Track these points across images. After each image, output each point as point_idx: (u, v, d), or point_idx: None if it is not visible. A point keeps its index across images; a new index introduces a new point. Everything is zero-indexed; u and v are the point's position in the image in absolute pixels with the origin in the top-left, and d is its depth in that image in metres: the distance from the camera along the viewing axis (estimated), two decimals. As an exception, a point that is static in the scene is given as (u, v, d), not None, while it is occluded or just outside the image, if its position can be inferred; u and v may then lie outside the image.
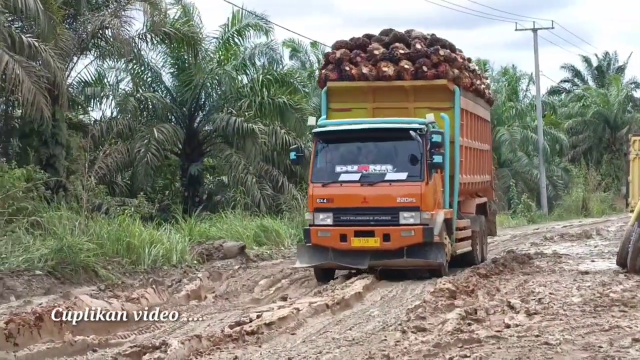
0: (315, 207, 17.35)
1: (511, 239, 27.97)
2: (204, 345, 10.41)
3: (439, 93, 18.39)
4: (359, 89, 18.77)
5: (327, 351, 9.76)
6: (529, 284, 14.68)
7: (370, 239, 16.93)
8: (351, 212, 17.15)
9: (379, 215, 17.01)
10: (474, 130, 20.41)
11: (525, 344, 8.94)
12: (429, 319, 11.13)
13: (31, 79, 20.22)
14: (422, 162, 17.06)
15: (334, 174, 17.43)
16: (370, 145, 17.65)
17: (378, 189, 17.08)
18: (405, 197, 16.90)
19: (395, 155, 17.35)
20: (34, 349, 10.64)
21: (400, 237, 16.80)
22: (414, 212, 16.83)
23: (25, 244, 17.81)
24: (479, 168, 21.02)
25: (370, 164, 17.34)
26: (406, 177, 17.09)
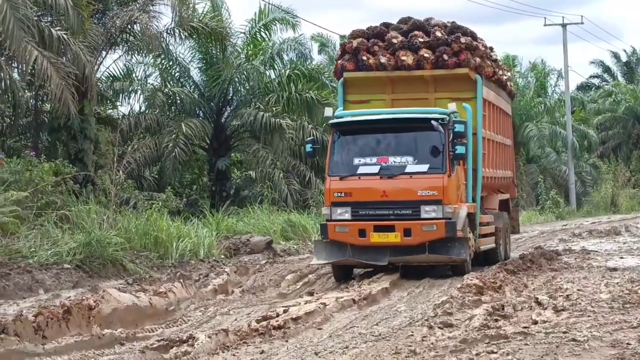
0: (333, 202, 16.69)
1: (539, 235, 27.85)
2: (230, 340, 10.44)
3: (461, 82, 17.80)
4: (377, 79, 18.14)
5: (353, 346, 9.76)
6: (556, 280, 14.60)
7: (390, 234, 16.27)
8: (370, 206, 16.49)
9: (399, 210, 16.36)
10: (497, 122, 19.80)
11: (552, 341, 8.90)
12: (456, 315, 11.10)
13: (59, 75, 20.36)
14: (444, 153, 16.42)
15: (352, 166, 16.79)
16: (389, 136, 16.99)
17: (398, 181, 16.43)
18: (426, 190, 16.25)
19: (416, 147, 16.72)
20: (62, 342, 10.72)
21: (422, 232, 16.15)
22: (435, 205, 16.17)
23: (54, 238, 17.94)
24: (502, 163, 20.40)
25: (389, 156, 16.69)
26: (427, 169, 16.46)
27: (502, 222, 19.61)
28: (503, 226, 19.64)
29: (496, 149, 19.72)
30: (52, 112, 23.58)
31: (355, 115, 17.37)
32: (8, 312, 13.13)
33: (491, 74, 18.83)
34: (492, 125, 19.21)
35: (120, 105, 31.47)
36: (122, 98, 30.77)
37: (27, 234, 17.83)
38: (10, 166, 20.06)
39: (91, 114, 23.66)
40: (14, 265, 16.40)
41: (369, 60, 18.01)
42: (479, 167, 17.78)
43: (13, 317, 11.65)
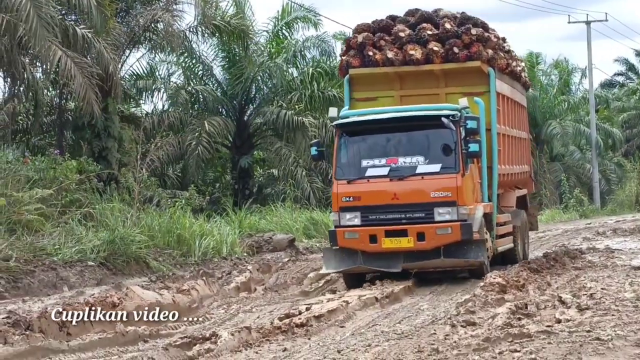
0: (341, 207, 15.78)
1: (563, 233, 27.74)
2: (253, 337, 10.48)
3: (473, 76, 17.03)
4: (384, 75, 17.27)
5: (375, 344, 9.77)
6: (580, 279, 14.54)
7: (403, 239, 15.44)
8: (380, 210, 15.63)
9: (411, 213, 15.51)
10: (511, 116, 18.97)
11: (576, 339, 8.87)
12: (479, 313, 11.08)
13: (83, 74, 20.48)
14: (456, 151, 15.60)
15: (359, 169, 15.93)
16: (398, 136, 16.12)
17: (409, 183, 15.61)
18: (439, 191, 15.43)
19: (427, 146, 15.92)
20: (86, 338, 10.81)
21: (436, 236, 15.33)
22: (450, 207, 15.36)
23: (78, 235, 18.06)
24: (518, 158, 19.57)
25: (399, 157, 15.86)
26: (440, 169, 15.62)
27: (520, 220, 18.96)
28: (521, 225, 19.00)
29: (512, 144, 18.97)
30: (76, 110, 23.72)
31: (361, 114, 16.52)
32: (33, 309, 13.23)
33: (504, 65, 18.05)
34: (507, 119, 18.47)
35: (144, 104, 31.67)
36: (146, 96, 30.95)
37: (52, 231, 17.95)
38: (35, 164, 20.20)
39: (115, 112, 23.78)
40: (38, 262, 16.53)
41: (375, 56, 17.21)
42: (494, 165, 17.06)
43: (38, 314, 11.74)
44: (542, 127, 44.73)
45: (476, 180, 16.28)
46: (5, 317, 11.36)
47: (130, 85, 29.29)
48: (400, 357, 8.85)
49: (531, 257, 19.13)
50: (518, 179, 19.65)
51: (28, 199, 18.14)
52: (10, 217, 17.56)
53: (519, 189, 19.87)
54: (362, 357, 9.01)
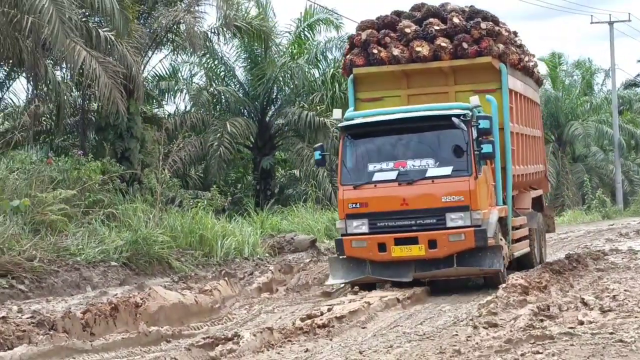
0: (347, 214, 15.06)
1: (585, 234, 27.63)
2: (275, 338, 10.51)
3: (483, 73, 16.26)
4: (390, 74, 16.48)
5: (397, 345, 9.77)
6: (603, 280, 14.49)
7: (414, 247, 14.67)
8: (389, 217, 14.87)
9: (422, 219, 14.73)
10: (525, 114, 18.21)
11: (599, 341, 8.84)
12: (501, 315, 11.06)
13: (107, 74, 20.60)
14: (468, 153, 14.80)
15: (366, 173, 15.17)
16: (406, 137, 15.36)
17: (419, 187, 14.86)
18: (451, 195, 14.66)
19: (437, 148, 15.15)
20: (109, 338, 10.87)
21: (449, 243, 14.57)
22: (462, 212, 14.61)
23: (101, 236, 18.15)
24: (532, 157, 18.84)
25: (408, 160, 15.08)
26: (451, 172, 14.84)
27: (536, 222, 18.19)
28: (537, 227, 18.28)
29: (526, 143, 18.23)
30: (99, 111, 23.86)
31: (367, 116, 15.73)
32: (57, 308, 13.32)
33: (516, 61, 17.23)
34: (520, 117, 17.74)
35: (166, 105, 31.78)
36: (168, 97, 31.08)
37: (75, 231, 18.05)
38: (59, 165, 20.31)
39: (137, 113, 23.89)
40: (62, 262, 16.63)
41: (380, 54, 16.40)
42: (508, 165, 16.32)
43: (62, 313, 11.82)
44: (565, 127, 44.57)
45: (490, 183, 15.58)
46: (30, 317, 11.45)
47: (152, 87, 29.43)
48: (422, 358, 8.85)
49: (553, 258, 19.04)
50: (533, 179, 19.04)
51: (52, 199, 18.24)
52: (34, 217, 17.66)
53: (534, 190, 19.26)
54: (383, 358, 9.02)
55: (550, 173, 42.60)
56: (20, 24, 19.56)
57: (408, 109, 15.70)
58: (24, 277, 15.47)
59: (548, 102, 44.74)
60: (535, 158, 19.27)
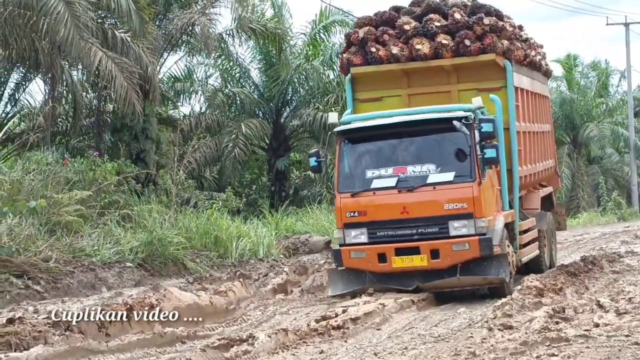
0: (345, 223, 14.42)
1: (601, 236, 27.50)
2: (290, 339, 10.52)
3: (487, 71, 15.53)
4: (390, 73, 15.78)
5: (412, 347, 9.77)
6: (619, 282, 14.42)
7: (416, 257, 14.07)
8: (389, 226, 14.24)
9: (423, 227, 14.10)
10: (532, 110, 17.32)
11: (614, 344, 8.81)
12: (516, 317, 11.04)
13: (123, 75, 20.66)
14: (471, 157, 14.15)
15: (364, 180, 14.55)
16: (406, 142, 14.71)
17: (420, 194, 14.18)
18: (454, 202, 14.01)
19: (438, 152, 14.52)
20: (125, 339, 10.90)
21: (452, 253, 13.96)
22: (466, 220, 13.96)
23: (117, 237, 18.20)
24: (541, 154, 17.98)
25: (408, 165, 14.43)
26: (453, 177, 14.19)
27: (545, 223, 17.36)
28: (547, 228, 17.44)
29: (534, 141, 17.35)
30: (115, 112, 23.93)
31: (364, 119, 15.07)
32: (72, 309, 13.34)
33: (522, 57, 16.41)
34: (528, 115, 16.90)
35: (181, 106, 31.82)
36: (183, 98, 31.10)
37: (91, 232, 18.11)
38: (74, 166, 20.36)
39: (153, 114, 23.94)
40: (77, 263, 16.69)
41: (378, 52, 15.70)
42: (515, 167, 15.57)
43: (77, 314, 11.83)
44: (580, 129, 44.43)
45: (495, 187, 14.95)
46: (46, 318, 11.49)
47: (168, 88, 29.47)
48: (437, 360, 8.85)
49: (568, 260, 18.92)
50: (542, 177, 18.26)
51: (67, 200, 18.30)
52: (50, 218, 17.73)
53: (544, 187, 18.45)
54: (398, 360, 9.02)
55: (566, 175, 42.55)
56: (36, 25, 19.64)
57: (407, 111, 15.00)
58: (40, 278, 15.54)
59: (563, 104, 44.63)
60: (544, 154, 18.45)
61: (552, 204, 18.99)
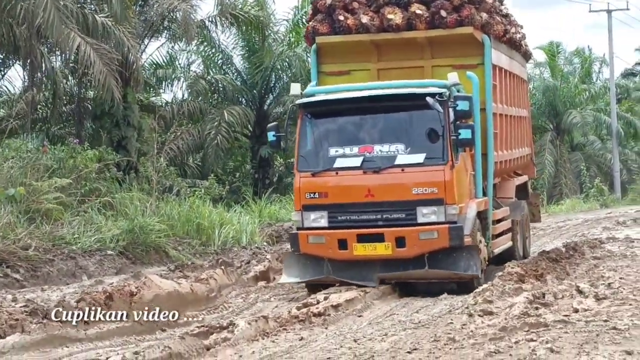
0: (304, 205, 13.37)
1: (583, 223, 27.59)
2: (270, 326, 10.49)
3: (464, 45, 14.38)
4: (358, 44, 14.61)
5: (392, 333, 9.76)
6: (599, 268, 14.46)
7: (379, 245, 13.04)
8: (352, 210, 13.22)
9: (389, 213, 13.08)
10: (510, 92, 16.35)
11: (593, 329, 8.82)
12: (496, 303, 11.04)
13: (102, 61, 20.54)
14: (444, 138, 13.07)
15: (327, 159, 13.47)
16: (373, 118, 13.56)
17: (387, 177, 13.14)
18: (423, 186, 12.97)
19: (409, 131, 13.41)
20: (104, 327, 10.84)
21: (419, 241, 12.94)
22: (436, 206, 12.94)
23: (98, 225, 18.13)
24: (518, 140, 17.09)
25: (375, 144, 13.34)
26: (424, 159, 13.11)
27: (519, 213, 16.55)
28: (521, 218, 16.67)
29: (511, 125, 16.40)
30: (95, 99, 23.81)
31: (329, 92, 13.90)
32: (52, 297, 13.30)
33: (502, 32, 15.30)
34: (505, 97, 15.93)
35: (163, 93, 31.72)
36: (165, 85, 30.97)
37: (71, 220, 18.02)
38: (54, 153, 20.27)
39: (134, 101, 23.84)
40: (57, 251, 16.61)
41: (347, 21, 14.58)
42: (490, 152, 14.54)
43: (56, 302, 11.80)
44: (563, 116, 44.53)
45: (469, 172, 13.90)
46: (23, 306, 11.43)
47: (149, 75, 29.34)
48: (417, 346, 8.84)
49: (550, 246, 18.98)
50: (518, 164, 17.37)
51: (47, 188, 18.21)
52: (30, 206, 17.63)
53: (519, 176, 17.59)
54: (378, 346, 9.00)
55: (549, 161, 42.67)
56: (14, 10, 19.49)
57: (376, 85, 13.89)
58: (19, 266, 15.46)
59: (546, 91, 44.73)
60: (521, 141, 17.59)
61: (526, 193, 18.24)
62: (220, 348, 9.48)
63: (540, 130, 45.58)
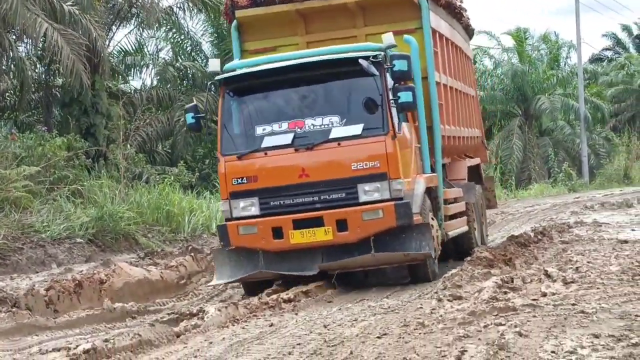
0: (232, 192, 12.19)
1: (551, 207, 27.78)
2: (240, 313, 10.50)
3: (398, 9, 13.33)
4: (283, 15, 13.46)
5: (362, 319, 9.78)
6: (567, 252, 14.55)
7: (318, 230, 11.94)
8: (285, 193, 12.09)
9: (327, 193, 11.98)
10: (454, 64, 15.34)
11: (561, 313, 8.88)
12: (465, 287, 11.09)
13: (70, 47, 20.40)
14: (383, 105, 11.96)
15: (253, 138, 12.33)
16: (303, 90, 12.46)
17: (321, 153, 12.03)
18: (363, 161, 11.92)
19: (343, 101, 12.37)
20: (73, 315, 10.82)
21: (363, 223, 11.84)
22: (378, 182, 11.89)
23: (67, 212, 18.06)
24: (466, 119, 16.12)
25: (306, 118, 12.21)
26: (362, 130, 12.03)
27: (474, 195, 15.39)
28: (476, 201, 15.64)
29: (457, 100, 15.39)
30: (64, 86, 23.66)
31: (251, 65, 12.68)
32: (21, 286, 13.23)
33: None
34: (449, 68, 14.90)
35: (132, 80, 31.55)
36: (134, 72, 30.81)
37: (40, 208, 17.94)
38: (23, 141, 20.15)
39: (102, 88, 23.73)
40: (26, 239, 16.53)
41: None
42: (436, 124, 13.46)
43: (25, 291, 11.73)
44: (531, 102, 44.75)
45: (413, 145, 12.84)
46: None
47: (118, 62, 29.17)
48: (386, 331, 8.86)
49: (519, 231, 19.05)
50: (468, 145, 16.38)
51: (15, 176, 18.11)
52: (-2, 194, 17.54)
53: (470, 158, 16.66)
54: (348, 331, 9.02)
55: (517, 146, 42.88)
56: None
57: (304, 53, 12.69)
58: (-12, 255, 15.37)
59: (515, 76, 44.88)
60: (470, 120, 16.61)
61: (480, 177, 17.30)
62: (190, 335, 9.47)
63: (508, 116, 45.82)
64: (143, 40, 30.32)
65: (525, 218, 24.07)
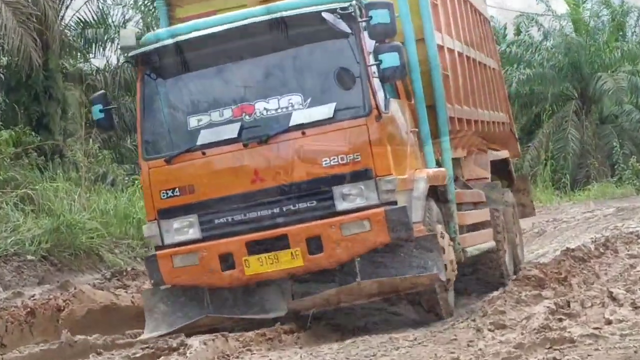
0: (161, 209, 10.97)
1: (615, 213, 27.80)
2: (231, 346, 10.54)
3: None
4: None
5: (382, 354, 9.82)
6: (636, 269, 14.61)
7: (283, 254, 10.61)
8: (234, 206, 10.81)
9: (291, 203, 10.68)
10: (464, 24, 14.10)
11: (629, 344, 8.92)
12: (510, 314, 11.14)
13: (17, 18, 20.46)
14: (362, 75, 10.58)
15: (186, 134, 11.09)
16: (250, 63, 11.11)
17: (280, 147, 10.69)
18: (338, 153, 10.58)
19: (306, 73, 11.04)
20: (24, 350, 10.86)
21: (343, 240, 10.49)
22: (361, 181, 10.55)
23: (15, 223, 18.14)
24: (486, 98, 14.79)
25: (257, 101, 10.89)
26: (334, 112, 10.66)
27: (502, 201, 14.20)
28: (505, 208, 14.43)
29: (472, 72, 14.18)
30: (9, 66, 23.73)
31: (177, 33, 11.21)
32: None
33: None
34: (456, 28, 13.64)
35: (94, 58, 31.59)
36: (96, 49, 30.83)
37: (-19, 218, 18.04)
38: (-40, 136, 20.26)
39: (57, 69, 23.81)
40: (-35, 257, 16.63)
41: None
42: (440, 101, 12.14)
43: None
44: (590, 81, 44.66)
45: (408, 128, 11.51)
46: None
47: (76, 35, 29.22)
48: (413, 369, 8.94)
49: (576, 243, 19.07)
50: (490, 133, 15.08)
51: (-49, 178, 18.22)
52: None
53: (495, 151, 15.68)
54: (365, 371, 9.09)
55: (573, 136, 42.86)
56: None
57: (248, 12, 11.16)
58: None
59: (569, 50, 44.85)
60: (491, 100, 15.39)
61: (510, 176, 16.35)
62: (170, 375, 9.55)
63: (561, 99, 45.76)
64: (107, 8, 30.42)
65: (583, 226, 24.10)
